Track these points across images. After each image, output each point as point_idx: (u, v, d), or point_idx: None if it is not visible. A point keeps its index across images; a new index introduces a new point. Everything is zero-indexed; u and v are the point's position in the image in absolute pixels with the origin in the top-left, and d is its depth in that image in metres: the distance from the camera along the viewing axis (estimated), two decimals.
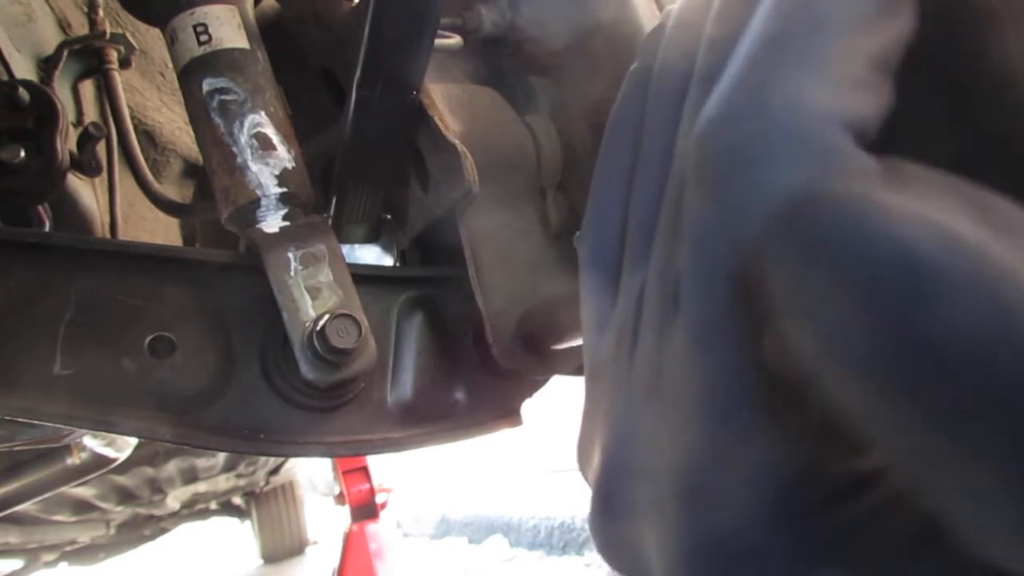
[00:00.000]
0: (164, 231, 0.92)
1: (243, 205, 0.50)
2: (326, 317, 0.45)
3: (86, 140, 0.64)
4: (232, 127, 0.50)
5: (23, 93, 0.55)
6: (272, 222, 0.50)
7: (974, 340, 0.13)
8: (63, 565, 3.07)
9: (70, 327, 0.45)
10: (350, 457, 2.07)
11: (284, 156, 0.51)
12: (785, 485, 0.17)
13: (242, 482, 3.33)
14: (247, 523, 4.70)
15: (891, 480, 0.17)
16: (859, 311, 0.14)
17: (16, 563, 2.60)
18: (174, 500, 2.80)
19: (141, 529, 3.11)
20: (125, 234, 0.76)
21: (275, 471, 3.59)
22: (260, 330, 0.49)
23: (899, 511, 0.17)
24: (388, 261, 0.66)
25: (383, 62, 0.48)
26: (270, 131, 0.51)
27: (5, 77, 0.62)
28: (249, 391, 0.48)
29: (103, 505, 2.34)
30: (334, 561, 2.07)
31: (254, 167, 0.50)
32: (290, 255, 0.48)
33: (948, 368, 0.13)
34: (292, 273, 0.48)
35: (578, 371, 0.59)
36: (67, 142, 0.57)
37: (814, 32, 0.18)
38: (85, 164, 0.64)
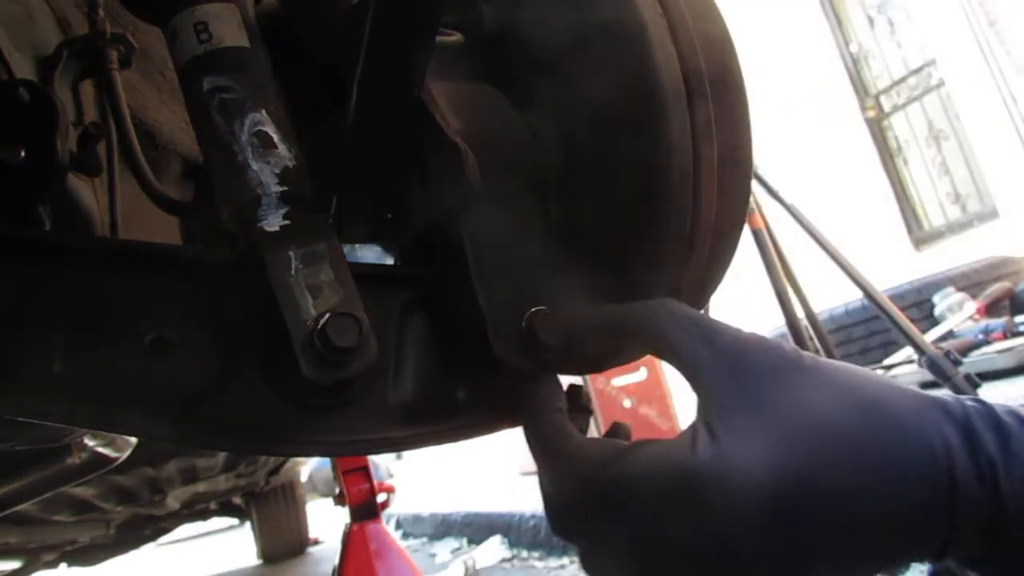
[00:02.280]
0: (164, 231, 0.91)
1: (243, 204, 0.50)
2: (327, 316, 0.45)
3: (86, 140, 0.64)
4: (233, 126, 0.50)
5: (23, 93, 0.55)
6: (273, 221, 0.50)
7: None
8: (63, 565, 3.07)
9: (70, 327, 0.45)
10: (350, 457, 2.07)
11: (285, 155, 0.51)
12: None
13: (242, 482, 3.33)
14: (247, 523, 4.70)
15: None
16: None
17: (16, 563, 2.60)
18: (174, 500, 2.79)
19: (141, 529, 3.11)
20: (125, 234, 0.76)
21: (275, 471, 3.59)
22: (261, 329, 0.48)
23: None
24: (389, 260, 0.66)
25: (384, 60, 0.47)
26: (271, 129, 0.51)
27: (5, 77, 0.62)
28: (249, 390, 0.48)
29: (103, 505, 2.34)
30: (334, 561, 2.07)
31: (255, 166, 0.50)
32: (291, 254, 0.48)
33: None
34: (293, 272, 0.47)
35: (580, 370, 0.59)
36: (67, 142, 0.57)
37: None
38: (85, 164, 0.64)
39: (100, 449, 0.94)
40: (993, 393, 2.51)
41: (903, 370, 3.23)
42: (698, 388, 0.41)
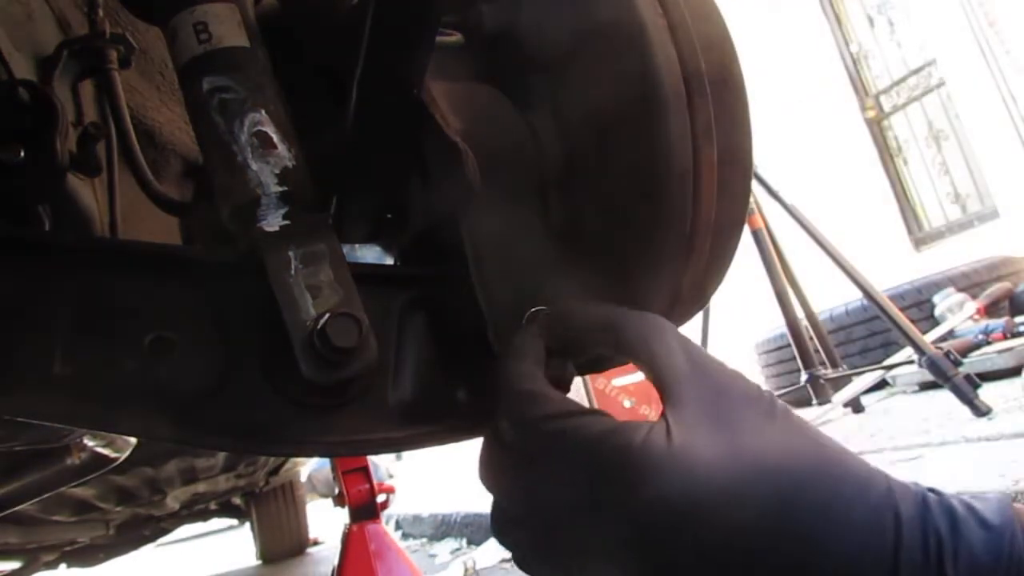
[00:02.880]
0: (164, 231, 0.92)
1: (243, 204, 0.50)
2: (327, 316, 0.45)
3: (86, 140, 0.64)
4: (232, 126, 0.50)
5: (23, 93, 0.55)
6: (272, 221, 0.50)
7: None
8: (63, 565, 3.07)
9: (70, 327, 0.45)
10: (350, 457, 2.07)
11: (284, 155, 0.51)
12: None
13: (242, 482, 3.33)
14: (247, 523, 4.69)
15: None
16: None
17: (16, 563, 2.60)
18: (174, 500, 2.79)
19: (141, 529, 3.11)
20: (125, 234, 0.76)
21: (275, 471, 3.58)
22: (260, 329, 0.48)
23: None
24: (389, 261, 0.66)
25: (384, 60, 0.47)
26: (270, 129, 0.51)
27: (5, 77, 0.62)
28: (249, 391, 0.48)
29: (103, 505, 2.34)
30: (334, 561, 2.07)
31: (254, 166, 0.50)
32: (291, 254, 0.48)
33: None
34: (293, 272, 0.47)
35: (579, 370, 0.59)
36: (67, 142, 0.57)
37: None
38: (85, 164, 0.64)
39: (100, 449, 0.94)
40: (993, 393, 2.51)
41: (903, 370, 3.23)
42: (665, 392, 0.41)
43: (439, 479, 5.87)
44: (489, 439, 0.46)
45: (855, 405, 3.17)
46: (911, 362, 2.60)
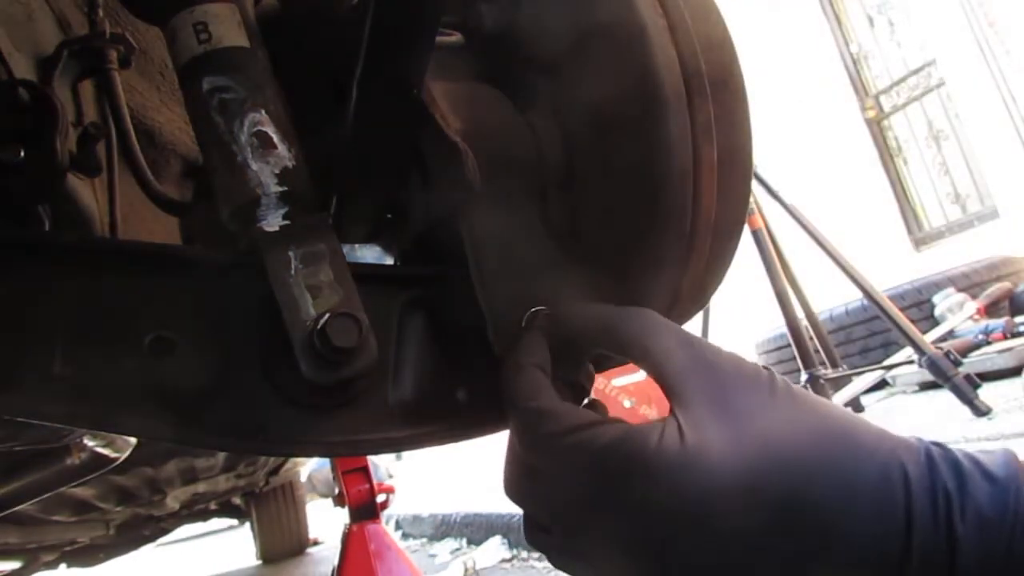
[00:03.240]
0: (164, 231, 0.91)
1: (243, 204, 0.50)
2: (327, 316, 0.45)
3: (86, 140, 0.64)
4: (232, 125, 0.50)
5: (23, 93, 0.55)
6: (272, 221, 0.50)
7: None
8: (63, 565, 3.07)
9: (70, 327, 0.45)
10: (350, 457, 2.07)
11: (284, 155, 0.51)
12: None
13: (242, 482, 3.33)
14: (247, 523, 4.69)
15: None
16: None
17: (16, 563, 2.60)
18: (173, 500, 2.79)
19: (141, 529, 3.11)
20: (125, 234, 0.76)
21: (275, 471, 3.58)
22: (260, 329, 0.48)
23: None
24: (389, 261, 0.66)
25: (384, 60, 0.47)
26: (270, 129, 0.51)
27: (5, 77, 0.62)
28: (249, 391, 0.48)
29: (103, 505, 2.34)
30: (334, 561, 2.07)
31: (254, 166, 0.50)
32: (291, 254, 0.48)
33: None
34: (293, 272, 0.47)
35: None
36: (67, 142, 0.57)
37: None
38: (85, 164, 0.64)
39: (100, 449, 0.94)
40: (993, 393, 2.51)
41: (903, 370, 3.22)
42: (670, 390, 0.41)
43: (439, 479, 5.87)
44: (509, 452, 0.47)
45: (855, 405, 3.17)
46: (911, 362, 2.60)
